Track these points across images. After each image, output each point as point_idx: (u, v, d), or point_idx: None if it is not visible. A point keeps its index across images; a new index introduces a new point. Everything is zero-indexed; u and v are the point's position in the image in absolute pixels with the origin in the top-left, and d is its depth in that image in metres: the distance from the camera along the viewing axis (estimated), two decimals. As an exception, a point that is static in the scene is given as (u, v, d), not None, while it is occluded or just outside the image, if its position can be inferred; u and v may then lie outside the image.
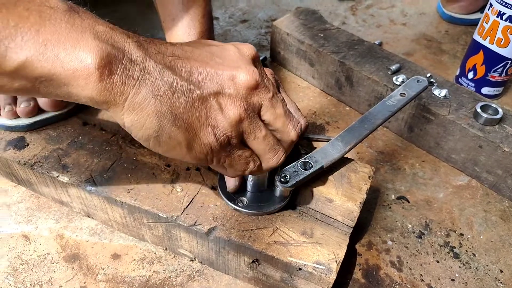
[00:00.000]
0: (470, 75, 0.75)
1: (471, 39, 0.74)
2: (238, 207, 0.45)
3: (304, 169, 0.44)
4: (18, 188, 0.56)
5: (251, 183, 0.46)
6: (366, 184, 0.48)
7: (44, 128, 0.55)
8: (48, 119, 0.55)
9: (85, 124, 0.56)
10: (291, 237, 0.43)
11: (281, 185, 0.43)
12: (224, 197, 0.46)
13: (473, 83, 0.76)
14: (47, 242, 0.51)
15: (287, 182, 0.43)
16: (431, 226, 0.56)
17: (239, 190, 0.46)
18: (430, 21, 1.01)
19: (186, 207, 0.45)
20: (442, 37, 0.95)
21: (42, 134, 0.54)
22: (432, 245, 0.53)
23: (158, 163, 0.50)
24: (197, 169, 0.50)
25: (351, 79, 0.70)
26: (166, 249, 0.51)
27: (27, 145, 0.52)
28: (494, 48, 0.69)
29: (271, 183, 0.46)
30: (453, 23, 1.00)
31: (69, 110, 0.56)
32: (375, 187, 0.60)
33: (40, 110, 0.55)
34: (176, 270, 0.49)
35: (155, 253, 0.50)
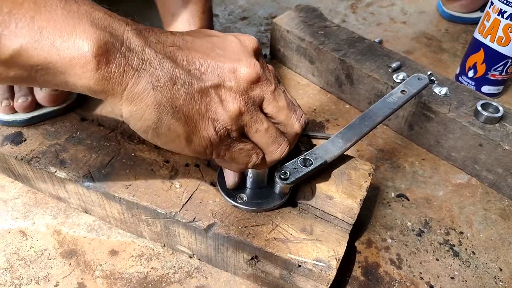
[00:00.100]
0: (470, 73, 0.75)
1: (472, 37, 0.74)
2: (238, 204, 0.44)
3: (304, 166, 0.44)
4: (15, 184, 0.56)
5: (251, 180, 0.45)
6: (366, 181, 0.48)
7: (41, 123, 0.54)
8: (46, 114, 0.55)
9: (83, 119, 0.56)
10: (291, 234, 0.43)
11: (281, 181, 0.42)
12: (223, 194, 0.45)
13: (473, 82, 0.75)
14: (44, 238, 0.51)
15: (287, 179, 0.42)
16: (430, 224, 0.55)
17: (239, 186, 0.45)
18: (430, 19, 1.01)
19: (185, 203, 0.45)
20: (442, 35, 0.95)
21: (40, 129, 0.53)
22: (432, 243, 0.53)
23: (157, 159, 0.50)
24: (196, 165, 0.49)
25: (351, 76, 0.70)
26: (164, 245, 0.50)
27: (25, 140, 0.52)
28: (494, 46, 0.69)
29: (270, 180, 0.46)
30: (453, 22, 0.99)
31: (67, 105, 0.56)
32: (375, 185, 0.60)
33: (37, 105, 0.55)
34: (174, 266, 0.49)
35: (153, 249, 0.50)
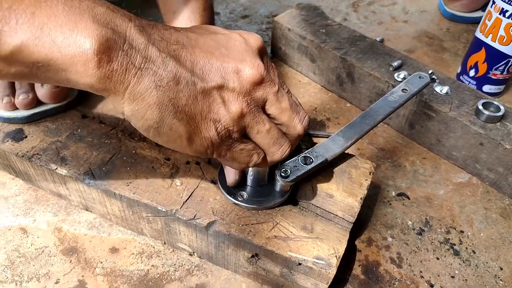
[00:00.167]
0: (472, 72, 0.75)
1: (473, 37, 0.74)
2: (238, 202, 0.44)
3: (304, 164, 0.44)
4: (16, 181, 0.56)
5: (251, 178, 0.45)
6: (367, 180, 0.48)
7: (42, 120, 0.54)
8: (47, 111, 0.54)
9: (84, 116, 0.56)
10: (291, 232, 0.43)
11: (281, 179, 0.42)
12: (224, 191, 0.45)
13: (474, 81, 0.75)
14: (44, 235, 0.51)
15: (288, 177, 0.42)
16: (431, 223, 0.55)
17: (239, 184, 0.45)
18: (432, 18, 1.01)
19: (186, 201, 0.45)
20: (443, 34, 0.95)
21: (41, 126, 0.53)
22: (432, 242, 0.53)
23: (158, 156, 0.50)
24: (197, 163, 0.49)
25: (352, 75, 0.70)
26: (165, 243, 0.50)
27: (26, 137, 0.52)
28: (496, 45, 0.69)
29: (271, 178, 0.45)
30: (454, 21, 0.99)
31: (68, 102, 0.56)
32: (376, 183, 0.60)
33: (38, 102, 0.54)
34: (174, 264, 0.49)
35: (153, 247, 0.50)
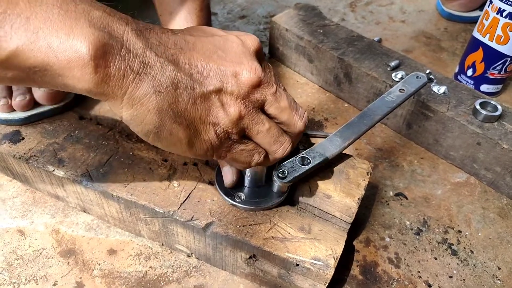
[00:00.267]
0: (469, 72, 0.75)
1: (471, 36, 0.74)
2: (236, 203, 0.44)
3: (302, 164, 0.44)
4: (13, 183, 0.56)
5: (249, 178, 0.45)
6: (364, 180, 0.48)
7: (39, 122, 0.54)
8: (44, 113, 0.54)
9: (81, 118, 0.56)
10: (289, 233, 0.43)
11: (279, 180, 0.42)
12: (222, 192, 0.45)
13: (472, 81, 0.75)
14: (42, 237, 0.50)
15: (285, 178, 0.42)
16: (429, 223, 0.55)
17: (237, 185, 0.45)
18: (429, 18, 1.01)
19: (183, 202, 0.45)
20: (441, 34, 0.95)
21: (38, 128, 0.53)
22: (430, 242, 0.53)
23: (155, 158, 0.50)
24: (194, 164, 0.49)
25: (350, 75, 0.70)
26: (162, 244, 0.50)
27: (23, 139, 0.52)
28: (493, 45, 0.69)
29: (268, 179, 0.45)
30: (452, 21, 0.99)
31: (66, 104, 0.56)
32: (373, 183, 0.60)
33: (36, 104, 0.54)
34: (172, 265, 0.49)
35: (151, 248, 0.50)
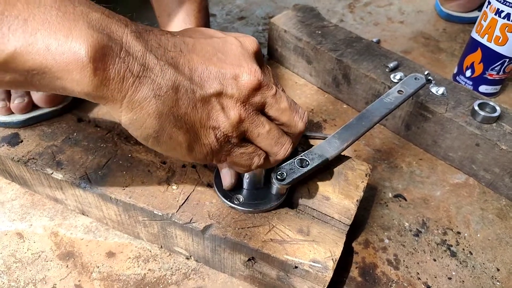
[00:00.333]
0: (468, 73, 0.75)
1: (469, 37, 0.74)
2: (234, 205, 0.44)
3: (301, 166, 0.44)
4: (12, 185, 0.56)
5: (247, 181, 0.45)
6: (363, 182, 0.48)
7: (38, 125, 0.54)
8: (43, 116, 0.54)
9: (80, 120, 0.56)
10: (288, 235, 0.43)
11: (277, 182, 0.42)
12: (220, 195, 0.45)
13: (470, 81, 0.75)
14: (41, 239, 0.50)
15: (284, 180, 0.42)
16: (428, 224, 0.55)
17: (235, 187, 0.45)
18: (428, 19, 1.01)
19: (182, 205, 0.45)
20: (439, 35, 0.95)
21: (36, 130, 0.53)
22: (429, 244, 0.53)
23: (154, 160, 0.50)
24: (193, 166, 0.49)
25: (348, 76, 0.70)
26: (161, 247, 0.50)
27: (21, 142, 0.52)
28: (492, 46, 0.69)
29: (267, 181, 0.45)
30: (451, 21, 0.99)
31: (64, 106, 0.56)
32: (372, 185, 0.60)
33: (34, 106, 0.54)
34: (171, 268, 0.49)
35: (150, 251, 0.50)
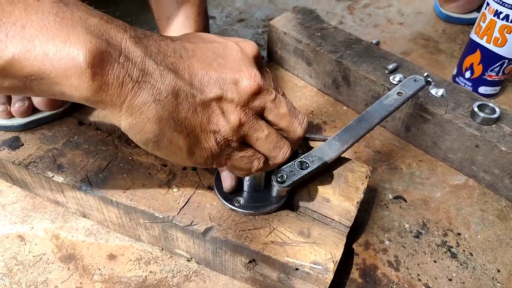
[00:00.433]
0: (467, 74, 0.75)
1: (468, 38, 0.74)
2: (235, 207, 0.44)
3: (301, 168, 0.44)
4: (13, 188, 0.56)
5: (248, 183, 0.46)
6: (363, 183, 0.48)
7: (39, 128, 0.54)
8: (43, 119, 0.55)
9: (80, 123, 0.56)
10: (288, 237, 0.43)
11: (277, 185, 0.42)
12: (221, 197, 0.45)
13: (470, 83, 0.76)
14: (42, 242, 0.51)
15: (284, 182, 0.42)
16: (428, 225, 0.55)
17: (236, 190, 0.45)
18: (427, 20, 1.01)
19: (183, 207, 0.45)
20: (439, 36, 0.95)
21: (37, 133, 0.53)
22: (430, 245, 0.53)
23: (154, 162, 0.50)
24: (194, 169, 0.50)
25: (348, 78, 0.70)
26: (162, 249, 0.50)
27: (22, 145, 0.52)
28: (491, 47, 0.69)
29: (267, 183, 0.46)
30: (450, 23, 1.00)
31: (65, 109, 0.56)
32: (372, 186, 0.60)
33: (34, 110, 0.54)
34: (172, 270, 0.49)
35: (151, 253, 0.50)
